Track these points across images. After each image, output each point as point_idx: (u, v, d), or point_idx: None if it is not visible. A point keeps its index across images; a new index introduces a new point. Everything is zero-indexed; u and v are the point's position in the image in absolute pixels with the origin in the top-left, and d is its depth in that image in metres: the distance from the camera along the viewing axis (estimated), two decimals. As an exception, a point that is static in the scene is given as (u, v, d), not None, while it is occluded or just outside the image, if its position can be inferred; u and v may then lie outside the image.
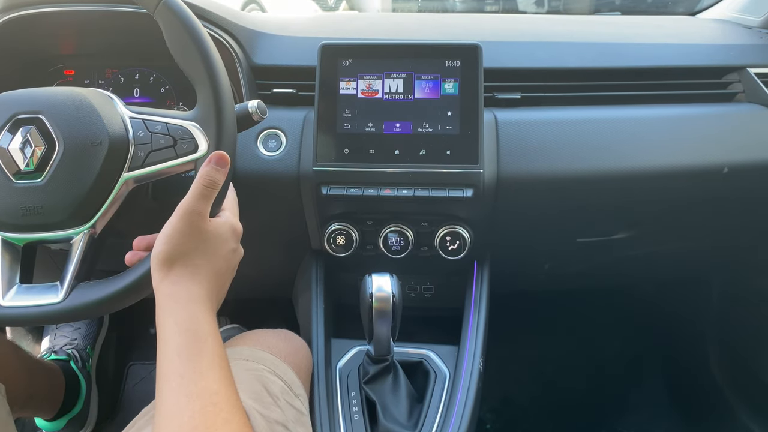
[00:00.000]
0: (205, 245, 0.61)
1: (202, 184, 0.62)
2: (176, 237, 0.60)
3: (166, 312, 0.57)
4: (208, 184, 0.62)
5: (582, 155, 0.90)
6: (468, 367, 0.88)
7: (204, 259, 0.61)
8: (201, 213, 0.61)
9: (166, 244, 0.60)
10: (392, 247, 0.90)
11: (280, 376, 0.79)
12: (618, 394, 1.53)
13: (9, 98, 0.68)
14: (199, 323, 0.56)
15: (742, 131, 0.96)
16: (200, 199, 0.61)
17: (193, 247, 0.60)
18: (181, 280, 0.59)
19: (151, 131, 0.68)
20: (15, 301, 0.67)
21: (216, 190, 0.63)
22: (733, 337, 1.38)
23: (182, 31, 0.66)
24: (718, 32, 1.13)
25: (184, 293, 0.58)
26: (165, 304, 0.58)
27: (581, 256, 1.17)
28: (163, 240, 0.60)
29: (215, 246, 0.62)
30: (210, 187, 0.62)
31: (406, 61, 0.86)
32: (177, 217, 0.60)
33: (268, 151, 0.89)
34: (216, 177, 0.63)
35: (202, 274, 0.60)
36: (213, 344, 0.56)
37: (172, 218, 0.61)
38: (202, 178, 0.62)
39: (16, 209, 0.66)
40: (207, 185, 0.62)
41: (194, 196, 0.61)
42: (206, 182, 0.62)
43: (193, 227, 0.61)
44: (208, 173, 0.62)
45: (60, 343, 1.33)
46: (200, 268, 0.60)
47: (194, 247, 0.60)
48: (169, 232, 0.60)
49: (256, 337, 0.90)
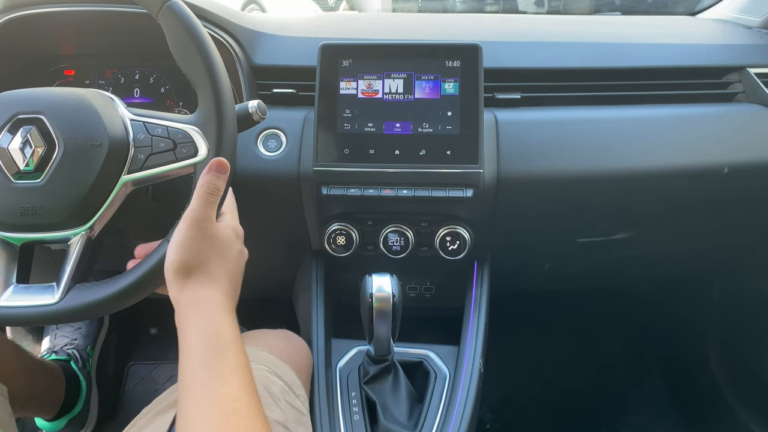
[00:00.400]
0: (216, 250, 0.62)
1: (205, 191, 0.62)
2: (189, 245, 0.60)
3: (189, 320, 0.57)
4: (211, 191, 0.63)
5: (582, 155, 0.90)
6: (468, 367, 0.88)
7: (218, 264, 0.61)
8: (209, 219, 0.62)
9: (179, 252, 0.60)
10: (392, 247, 0.90)
11: (281, 377, 0.79)
12: (618, 394, 1.53)
13: (10, 98, 0.68)
14: (222, 330, 0.57)
15: (743, 131, 0.96)
16: (206, 205, 0.62)
17: (206, 253, 0.61)
18: (201, 287, 0.59)
19: (151, 134, 0.68)
20: (11, 301, 0.66)
21: (219, 197, 0.64)
22: (733, 337, 1.38)
23: (185, 35, 0.66)
24: (718, 32, 1.12)
25: (206, 300, 0.59)
26: (187, 313, 0.58)
27: (581, 256, 1.17)
28: (175, 249, 0.60)
29: (225, 250, 0.63)
30: (213, 194, 0.63)
31: (406, 61, 0.86)
32: (186, 226, 0.61)
33: (268, 151, 0.89)
34: (218, 184, 0.63)
35: (220, 279, 0.61)
36: (235, 351, 0.56)
37: (181, 227, 0.61)
38: (204, 186, 0.63)
39: (15, 209, 0.65)
40: (210, 192, 0.63)
41: (199, 203, 0.62)
42: (209, 189, 0.63)
43: (203, 233, 0.61)
44: (210, 181, 0.63)
45: (60, 343, 1.33)
46: (217, 273, 0.61)
47: (207, 253, 0.61)
48: (181, 240, 0.60)
49: (256, 337, 0.90)
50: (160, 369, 1.47)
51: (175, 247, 0.60)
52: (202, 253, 0.60)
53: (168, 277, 0.60)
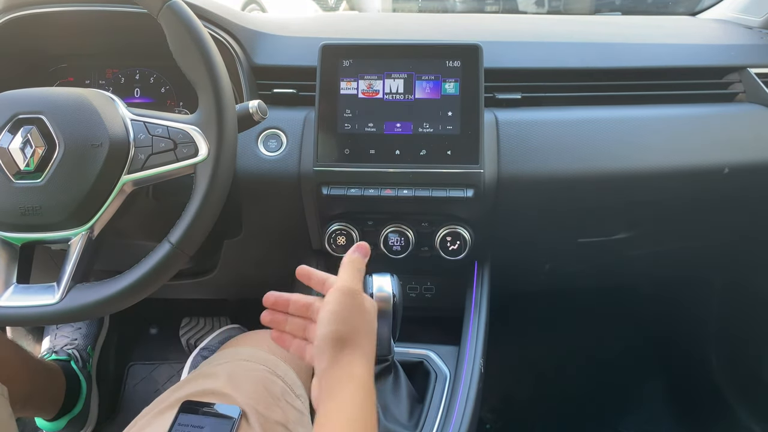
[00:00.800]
0: (365, 324, 0.61)
1: (354, 267, 0.64)
2: (344, 315, 0.59)
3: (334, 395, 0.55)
4: (359, 268, 0.64)
5: (583, 155, 0.90)
6: (468, 368, 0.88)
7: (367, 338, 0.60)
8: (360, 291, 0.62)
9: (335, 322, 0.58)
10: (393, 247, 0.90)
11: (281, 377, 0.79)
12: (618, 393, 1.53)
13: (10, 98, 0.68)
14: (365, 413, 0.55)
15: (743, 131, 0.96)
16: (355, 278, 0.63)
17: (358, 325, 0.60)
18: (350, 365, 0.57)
19: (151, 134, 0.68)
20: (11, 301, 0.67)
21: (363, 274, 0.65)
22: (734, 337, 1.39)
23: (185, 35, 0.66)
24: (718, 32, 1.12)
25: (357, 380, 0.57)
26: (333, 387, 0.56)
27: (582, 257, 1.17)
28: (332, 319, 0.58)
29: (371, 324, 0.62)
30: (360, 271, 0.64)
31: (406, 61, 0.86)
32: (340, 294, 0.60)
33: (268, 151, 0.89)
34: (363, 263, 0.65)
35: (369, 355, 0.59)
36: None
37: (335, 295, 0.60)
38: (354, 263, 0.64)
39: (15, 209, 0.66)
40: (359, 269, 0.64)
41: (350, 275, 0.63)
42: (358, 266, 0.64)
43: (355, 303, 0.60)
44: (359, 260, 0.65)
45: (60, 343, 1.33)
46: (366, 348, 0.59)
47: (359, 325, 0.60)
48: (337, 310, 0.59)
49: (257, 337, 0.90)
50: (160, 369, 1.46)
51: (331, 317, 0.58)
52: (355, 325, 0.59)
53: (321, 346, 0.58)
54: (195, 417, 0.70)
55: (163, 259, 0.66)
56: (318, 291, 0.66)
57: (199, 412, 0.70)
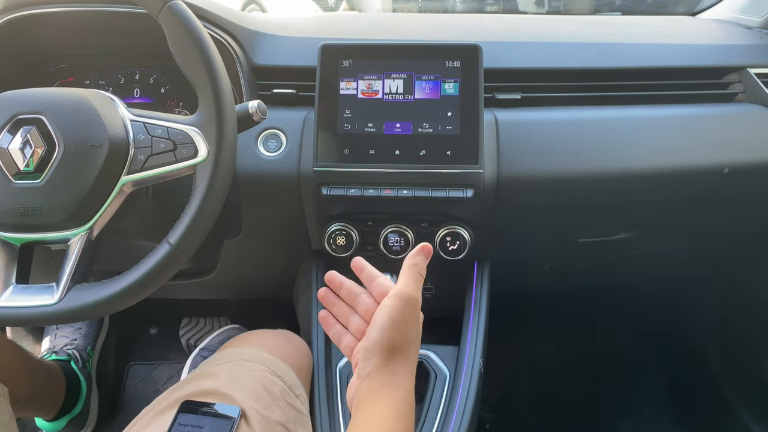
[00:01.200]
0: (417, 334, 0.60)
1: (417, 271, 0.61)
2: (402, 324, 0.58)
3: (377, 401, 0.55)
4: (421, 273, 0.62)
5: (582, 155, 0.90)
6: (468, 368, 0.88)
7: (415, 349, 0.59)
8: (419, 300, 0.60)
9: (392, 330, 0.57)
10: (392, 247, 0.90)
11: (281, 377, 0.79)
12: (618, 393, 1.53)
13: (10, 98, 0.68)
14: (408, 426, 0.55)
15: (743, 131, 0.96)
16: (418, 285, 0.60)
17: (411, 335, 0.59)
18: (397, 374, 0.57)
19: (151, 135, 0.68)
20: (10, 301, 0.66)
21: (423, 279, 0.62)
22: (734, 337, 1.39)
23: (185, 36, 0.66)
24: (718, 32, 1.13)
25: (401, 390, 0.56)
26: (378, 392, 0.55)
27: (581, 257, 1.17)
28: (390, 326, 0.57)
29: (420, 333, 0.61)
30: (422, 275, 0.62)
31: (406, 61, 0.86)
32: (402, 303, 0.58)
33: (268, 151, 0.89)
34: (425, 268, 0.62)
35: (413, 368, 0.59)
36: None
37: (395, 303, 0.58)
38: (417, 267, 0.61)
39: (15, 209, 0.65)
40: (421, 273, 0.62)
41: (412, 282, 0.60)
42: (421, 270, 0.62)
43: (414, 314, 0.59)
44: (422, 264, 0.62)
45: (60, 343, 1.33)
46: (413, 358, 0.59)
47: (411, 336, 0.59)
48: (396, 318, 0.57)
49: (256, 337, 0.90)
50: (160, 369, 1.47)
51: (388, 324, 0.57)
52: (409, 335, 0.58)
53: (372, 350, 0.57)
54: (195, 417, 0.70)
55: (162, 259, 0.66)
56: (366, 286, 0.65)
57: (199, 412, 0.70)
